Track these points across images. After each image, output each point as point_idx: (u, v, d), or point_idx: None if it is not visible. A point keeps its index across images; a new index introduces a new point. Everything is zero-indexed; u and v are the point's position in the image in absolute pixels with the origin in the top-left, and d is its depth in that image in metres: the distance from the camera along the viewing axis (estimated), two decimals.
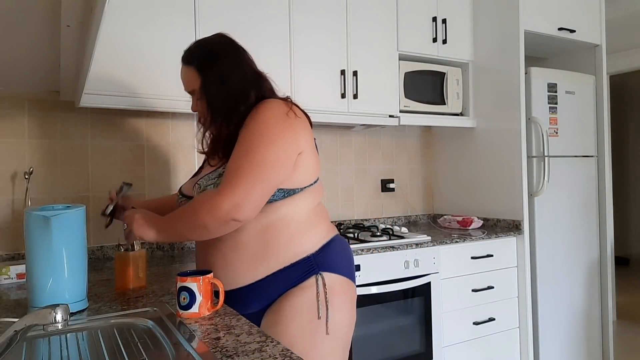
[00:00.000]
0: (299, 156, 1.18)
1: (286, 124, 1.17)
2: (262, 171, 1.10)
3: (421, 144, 3.03)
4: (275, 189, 1.14)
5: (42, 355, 0.90)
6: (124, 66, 1.77)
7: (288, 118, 1.18)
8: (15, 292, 1.40)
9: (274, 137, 1.13)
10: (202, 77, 1.24)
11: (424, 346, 2.14)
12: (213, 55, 1.24)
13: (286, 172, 1.15)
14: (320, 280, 1.16)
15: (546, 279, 2.46)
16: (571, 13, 2.69)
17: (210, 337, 0.92)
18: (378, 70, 2.40)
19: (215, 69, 1.23)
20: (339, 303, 1.18)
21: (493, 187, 2.61)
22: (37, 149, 1.85)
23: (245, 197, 1.07)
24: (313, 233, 1.20)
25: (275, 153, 1.12)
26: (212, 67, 1.23)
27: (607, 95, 2.86)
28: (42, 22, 0.90)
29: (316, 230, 1.21)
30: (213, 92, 1.23)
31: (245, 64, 1.29)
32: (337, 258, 1.22)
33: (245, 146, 1.13)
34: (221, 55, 1.25)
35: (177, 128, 2.11)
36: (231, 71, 1.24)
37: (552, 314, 2.49)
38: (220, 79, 1.22)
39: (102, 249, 1.94)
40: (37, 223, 1.07)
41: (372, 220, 2.79)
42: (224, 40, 1.30)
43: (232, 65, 1.25)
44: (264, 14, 2.08)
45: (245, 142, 1.13)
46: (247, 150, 1.12)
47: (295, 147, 1.17)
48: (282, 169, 1.14)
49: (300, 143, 1.18)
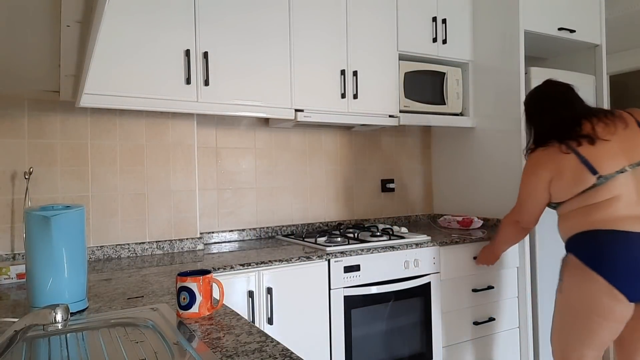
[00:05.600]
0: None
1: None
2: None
3: (421, 144, 3.03)
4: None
5: (42, 355, 0.90)
6: (124, 66, 1.77)
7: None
8: (15, 292, 1.40)
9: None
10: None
11: (424, 346, 2.14)
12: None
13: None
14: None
15: (546, 279, 2.46)
16: (571, 13, 2.69)
17: (210, 337, 0.92)
18: (378, 70, 2.40)
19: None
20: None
21: (493, 187, 2.61)
22: (37, 149, 1.85)
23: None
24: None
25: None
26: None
27: (607, 95, 2.85)
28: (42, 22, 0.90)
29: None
30: None
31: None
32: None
33: None
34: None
35: (177, 128, 2.12)
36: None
37: (552, 314, 2.48)
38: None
39: (102, 248, 1.94)
40: (37, 223, 1.07)
41: (372, 220, 2.79)
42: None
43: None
44: (264, 14, 2.08)
45: None
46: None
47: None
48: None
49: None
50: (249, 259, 1.81)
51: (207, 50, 1.93)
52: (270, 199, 2.47)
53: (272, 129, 2.48)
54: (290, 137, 2.54)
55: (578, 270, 1.64)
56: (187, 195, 2.13)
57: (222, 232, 2.32)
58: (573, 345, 1.67)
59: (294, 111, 2.15)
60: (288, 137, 2.53)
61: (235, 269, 1.71)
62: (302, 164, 2.57)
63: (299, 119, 2.15)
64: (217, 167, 2.33)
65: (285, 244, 2.17)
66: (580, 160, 1.68)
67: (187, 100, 1.89)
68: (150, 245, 2.03)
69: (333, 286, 1.92)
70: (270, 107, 2.09)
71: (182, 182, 2.12)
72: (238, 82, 2.01)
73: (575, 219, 1.70)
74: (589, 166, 1.67)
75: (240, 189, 2.39)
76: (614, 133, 1.71)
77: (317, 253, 1.89)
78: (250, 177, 2.42)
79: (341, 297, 1.93)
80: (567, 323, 1.69)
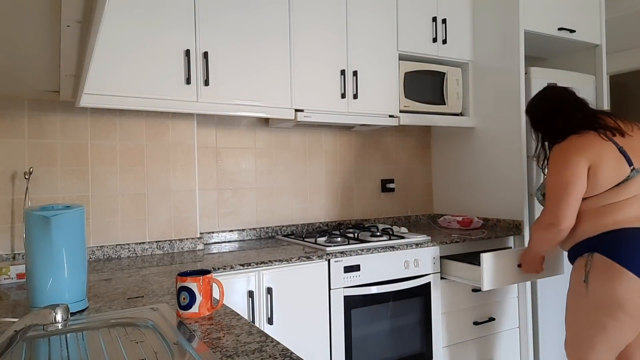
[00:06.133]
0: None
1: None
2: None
3: (421, 144, 3.03)
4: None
5: (42, 355, 0.90)
6: (124, 66, 1.77)
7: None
8: (15, 292, 1.40)
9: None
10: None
11: (424, 346, 2.14)
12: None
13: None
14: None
15: (546, 279, 2.46)
16: (571, 13, 2.69)
17: (210, 337, 0.92)
18: (378, 70, 2.40)
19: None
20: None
21: (493, 187, 2.61)
22: (37, 149, 1.85)
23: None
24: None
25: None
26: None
27: (607, 95, 2.85)
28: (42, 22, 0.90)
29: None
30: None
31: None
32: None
33: None
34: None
35: (177, 128, 2.12)
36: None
37: (552, 314, 2.49)
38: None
39: (102, 248, 1.94)
40: (37, 223, 1.07)
41: (372, 220, 2.79)
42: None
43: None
44: (264, 13, 2.08)
45: None
46: None
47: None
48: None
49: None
50: (249, 259, 1.81)
51: (207, 50, 1.93)
52: (270, 199, 2.47)
53: (272, 129, 2.48)
54: (290, 137, 2.54)
55: (609, 268, 1.59)
56: (187, 195, 2.13)
57: (222, 232, 2.32)
58: (596, 346, 1.62)
59: (294, 111, 2.15)
60: (288, 137, 2.53)
61: (235, 269, 1.71)
62: (302, 164, 2.57)
63: (299, 119, 2.15)
64: (217, 167, 2.33)
65: (285, 244, 2.17)
66: (618, 149, 1.65)
67: (187, 100, 1.89)
68: (150, 245, 2.03)
69: (333, 286, 1.92)
70: (270, 107, 2.09)
71: (182, 182, 2.12)
72: (238, 82, 2.01)
73: (598, 218, 1.66)
74: (626, 157, 1.65)
75: (240, 189, 2.39)
76: (632, 130, 1.72)
77: (317, 253, 1.89)
78: (250, 177, 2.42)
79: (341, 297, 1.93)
80: (592, 324, 1.63)
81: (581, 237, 1.71)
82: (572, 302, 1.72)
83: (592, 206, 1.68)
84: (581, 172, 1.65)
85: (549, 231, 1.74)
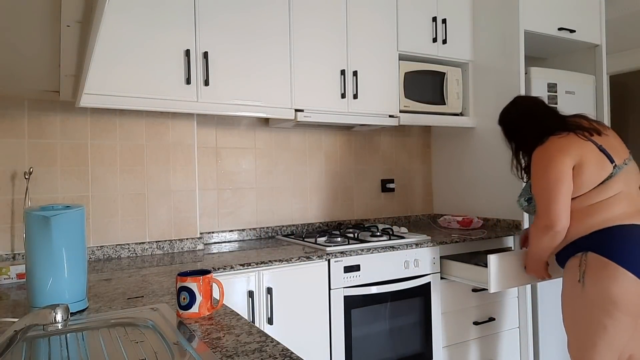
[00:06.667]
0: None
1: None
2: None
3: (421, 144, 3.03)
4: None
5: (42, 355, 0.90)
6: (123, 66, 1.77)
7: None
8: (15, 292, 1.40)
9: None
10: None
11: (424, 346, 2.14)
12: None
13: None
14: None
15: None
16: (571, 13, 2.69)
17: (210, 337, 0.92)
18: (378, 70, 2.40)
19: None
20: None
21: (493, 187, 2.61)
22: (37, 149, 1.85)
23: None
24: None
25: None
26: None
27: (607, 95, 2.85)
28: (42, 22, 0.90)
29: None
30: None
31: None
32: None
33: None
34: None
35: (177, 128, 2.12)
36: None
37: (552, 314, 2.48)
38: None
39: (102, 248, 1.94)
40: (37, 223, 1.07)
41: (372, 220, 2.79)
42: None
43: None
44: (264, 14, 2.08)
45: None
46: None
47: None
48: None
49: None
50: (249, 259, 1.81)
51: (207, 50, 1.93)
52: (270, 198, 2.47)
53: (272, 129, 2.48)
54: (290, 137, 2.54)
55: (605, 267, 1.58)
56: (187, 195, 2.13)
57: (222, 232, 2.32)
58: (598, 347, 1.60)
59: (294, 111, 2.15)
60: (288, 137, 2.53)
61: (235, 269, 1.71)
62: (302, 164, 2.57)
63: (299, 119, 2.15)
64: (217, 167, 2.33)
65: (285, 244, 2.17)
66: (598, 148, 1.67)
67: (187, 100, 1.89)
68: (150, 245, 2.03)
69: (333, 286, 1.92)
70: (270, 107, 2.09)
71: (182, 182, 2.12)
72: (238, 82, 2.01)
73: (586, 218, 1.66)
74: (607, 154, 1.66)
75: (240, 189, 2.39)
76: (606, 130, 1.75)
77: (317, 253, 1.89)
78: (250, 177, 2.42)
79: (341, 297, 1.93)
80: (592, 325, 1.61)
81: (571, 238, 1.70)
82: (568, 304, 1.70)
83: (579, 206, 1.68)
84: (567, 171, 1.64)
85: (546, 234, 1.70)
